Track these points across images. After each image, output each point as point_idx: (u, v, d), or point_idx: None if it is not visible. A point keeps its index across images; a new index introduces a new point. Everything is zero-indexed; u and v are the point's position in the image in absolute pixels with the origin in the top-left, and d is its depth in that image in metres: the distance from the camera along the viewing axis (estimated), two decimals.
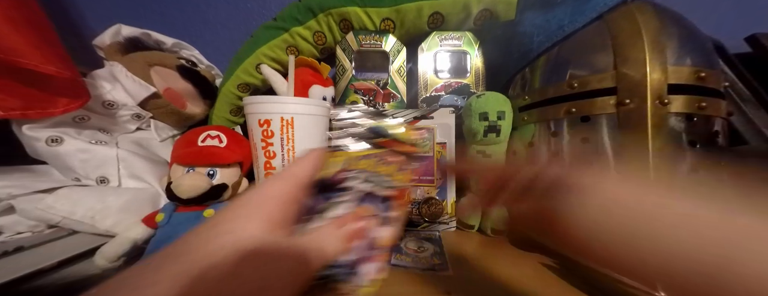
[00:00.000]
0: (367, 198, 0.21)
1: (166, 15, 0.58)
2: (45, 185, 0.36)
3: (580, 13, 0.35)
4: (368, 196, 0.21)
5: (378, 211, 0.21)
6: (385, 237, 0.21)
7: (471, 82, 0.50)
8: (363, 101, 0.51)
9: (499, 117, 0.39)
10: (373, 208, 0.21)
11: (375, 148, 0.22)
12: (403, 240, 0.38)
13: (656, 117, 0.29)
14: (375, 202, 0.21)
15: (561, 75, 0.35)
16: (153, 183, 0.42)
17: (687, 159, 0.29)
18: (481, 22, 0.50)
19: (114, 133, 0.45)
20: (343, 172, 0.21)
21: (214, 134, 0.40)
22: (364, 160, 0.22)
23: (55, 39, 0.36)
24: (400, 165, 0.22)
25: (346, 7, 0.47)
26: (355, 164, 0.21)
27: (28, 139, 0.37)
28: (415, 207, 0.43)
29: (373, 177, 0.21)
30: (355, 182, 0.21)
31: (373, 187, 0.21)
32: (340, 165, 0.21)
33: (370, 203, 0.21)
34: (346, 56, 0.51)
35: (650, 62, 0.29)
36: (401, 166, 0.22)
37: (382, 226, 0.21)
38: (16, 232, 0.35)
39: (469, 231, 0.42)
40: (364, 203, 0.21)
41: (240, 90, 0.53)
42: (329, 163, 0.21)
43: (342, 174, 0.21)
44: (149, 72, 0.45)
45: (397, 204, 0.22)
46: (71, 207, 0.35)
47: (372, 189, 0.21)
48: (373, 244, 0.20)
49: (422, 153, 0.23)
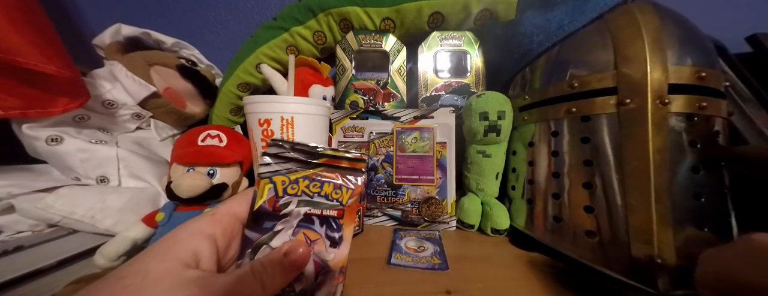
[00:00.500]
0: (310, 221, 0.20)
1: (166, 14, 0.58)
2: (45, 184, 0.36)
3: (581, 12, 0.35)
4: (311, 218, 0.20)
5: (325, 232, 0.20)
6: (338, 258, 0.20)
7: (471, 81, 0.50)
8: (363, 101, 0.51)
9: (499, 116, 0.39)
10: (320, 231, 0.20)
11: (309, 168, 0.21)
12: (403, 240, 0.38)
13: (657, 117, 0.29)
14: (321, 224, 0.20)
15: (561, 75, 0.35)
16: (153, 182, 0.42)
17: (687, 159, 0.28)
18: (481, 22, 0.50)
19: (114, 133, 0.45)
20: (277, 199, 0.20)
21: (214, 133, 0.40)
22: (301, 182, 0.21)
23: (55, 38, 0.36)
24: (338, 181, 0.21)
25: (346, 6, 0.47)
26: (290, 188, 0.20)
27: (28, 138, 0.37)
28: (415, 207, 0.44)
29: (312, 199, 0.20)
30: (292, 207, 0.20)
31: (312, 209, 0.20)
32: (273, 191, 0.20)
33: (314, 225, 0.20)
34: (346, 56, 0.51)
35: (651, 62, 0.29)
36: (339, 183, 0.21)
37: (332, 248, 0.20)
38: (16, 231, 0.35)
39: (469, 231, 0.42)
40: (307, 227, 0.20)
41: (240, 89, 0.53)
42: (263, 192, 0.20)
43: (278, 201, 0.20)
44: (149, 71, 0.45)
45: (345, 222, 0.21)
46: (71, 206, 0.35)
47: (311, 211, 0.20)
48: (325, 268, 0.20)
49: (363, 158, 0.22)
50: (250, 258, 0.19)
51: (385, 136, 0.46)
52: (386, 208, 0.45)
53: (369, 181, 0.46)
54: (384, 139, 0.46)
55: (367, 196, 0.45)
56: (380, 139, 0.46)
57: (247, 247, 0.19)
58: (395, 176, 0.44)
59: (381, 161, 0.45)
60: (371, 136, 0.46)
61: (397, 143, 0.45)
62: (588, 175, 0.32)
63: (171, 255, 0.16)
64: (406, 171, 0.44)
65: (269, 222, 0.20)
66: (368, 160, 0.46)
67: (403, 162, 0.44)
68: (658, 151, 0.28)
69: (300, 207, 0.20)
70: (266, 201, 0.20)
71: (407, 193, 0.44)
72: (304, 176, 0.21)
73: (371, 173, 0.46)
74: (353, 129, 0.47)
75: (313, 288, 0.19)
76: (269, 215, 0.20)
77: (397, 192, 0.44)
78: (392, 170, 0.45)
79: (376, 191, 0.45)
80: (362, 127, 0.47)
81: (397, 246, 0.36)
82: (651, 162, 0.28)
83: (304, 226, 0.20)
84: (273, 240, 0.19)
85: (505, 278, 0.30)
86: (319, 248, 0.20)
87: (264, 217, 0.20)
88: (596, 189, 0.31)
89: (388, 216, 0.45)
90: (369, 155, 0.46)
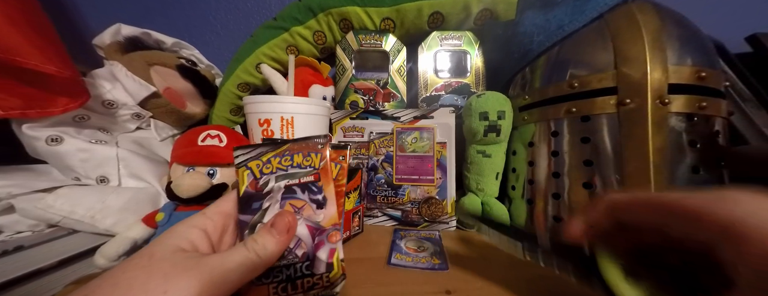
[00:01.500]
0: (292, 191, 0.22)
1: (166, 14, 0.58)
2: (45, 184, 0.36)
3: (581, 12, 0.35)
4: (292, 189, 0.22)
5: (309, 197, 0.22)
6: (327, 217, 0.22)
7: (471, 81, 0.50)
8: (363, 101, 0.51)
9: (499, 116, 0.39)
10: (303, 198, 0.22)
11: (277, 147, 0.23)
12: (403, 240, 0.38)
13: (657, 116, 0.29)
14: (302, 191, 0.22)
15: (561, 74, 0.35)
16: (153, 182, 0.42)
17: (687, 159, 0.28)
18: (481, 22, 0.50)
19: (114, 133, 0.45)
20: (256, 180, 0.22)
21: (214, 133, 0.40)
22: (273, 160, 0.22)
23: (55, 38, 0.36)
24: (307, 150, 0.23)
25: (346, 6, 0.47)
26: (265, 168, 0.22)
27: (28, 138, 0.37)
28: (415, 207, 0.44)
29: (287, 171, 0.22)
30: (272, 184, 0.22)
31: (289, 181, 0.22)
32: (252, 176, 0.22)
33: (297, 194, 0.22)
34: (346, 56, 0.51)
35: (651, 62, 0.29)
36: (308, 151, 0.23)
37: (319, 209, 0.22)
38: (16, 231, 0.35)
39: (469, 231, 0.42)
40: (291, 197, 0.22)
41: (240, 89, 0.53)
42: (244, 178, 0.22)
43: (258, 182, 0.22)
44: (149, 71, 0.45)
45: (323, 182, 0.22)
46: (71, 206, 0.35)
47: (290, 182, 0.22)
48: (319, 229, 0.22)
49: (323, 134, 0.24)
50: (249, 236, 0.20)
51: (385, 135, 0.46)
52: (386, 208, 0.45)
53: (369, 181, 0.46)
54: (384, 138, 0.46)
55: (367, 196, 0.45)
56: (380, 138, 0.46)
57: (244, 229, 0.21)
58: (395, 176, 0.44)
59: (381, 161, 0.45)
60: (371, 136, 0.46)
61: (397, 143, 0.45)
62: (588, 175, 0.32)
63: (171, 241, 0.18)
64: (406, 171, 0.44)
65: (256, 203, 0.21)
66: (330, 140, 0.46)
67: (403, 162, 0.44)
68: (658, 151, 0.28)
69: (279, 181, 0.22)
70: (248, 186, 0.22)
71: (407, 193, 0.44)
72: (275, 154, 0.22)
73: (371, 173, 0.46)
74: (353, 129, 0.47)
75: (313, 249, 0.21)
76: (254, 196, 0.21)
77: (397, 192, 0.44)
78: (392, 170, 0.45)
79: (376, 191, 0.45)
80: (362, 126, 0.47)
81: (397, 246, 0.36)
82: (651, 162, 0.28)
83: (288, 197, 0.22)
84: (264, 217, 0.21)
85: (505, 278, 0.30)
86: (307, 213, 0.22)
87: (250, 200, 0.21)
88: (596, 189, 0.31)
89: (388, 216, 0.45)
90: (369, 155, 0.46)
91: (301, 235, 0.21)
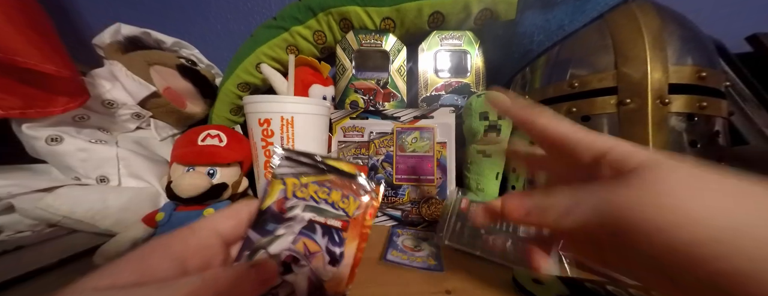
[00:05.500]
0: (313, 230, 0.19)
1: (166, 14, 0.58)
2: (45, 184, 0.36)
3: (581, 12, 0.35)
4: (314, 227, 0.19)
5: (327, 245, 0.19)
6: (336, 279, 0.19)
7: (471, 81, 0.50)
8: (363, 101, 0.51)
9: (499, 116, 0.39)
10: (321, 243, 0.19)
11: (320, 174, 0.20)
12: (401, 238, 0.38)
13: (657, 116, 0.29)
14: (323, 235, 0.19)
15: (561, 74, 0.35)
16: (153, 182, 0.42)
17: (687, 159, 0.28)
18: (481, 22, 0.50)
19: (114, 132, 0.45)
20: (285, 200, 0.20)
21: (214, 133, 0.40)
22: (310, 186, 0.20)
23: (54, 38, 0.36)
24: (348, 191, 0.20)
25: (346, 6, 0.47)
26: (299, 192, 0.20)
27: (28, 138, 0.37)
28: (415, 207, 0.43)
29: (317, 205, 0.20)
30: (298, 211, 0.19)
31: (316, 216, 0.20)
32: (283, 193, 0.20)
33: (316, 235, 0.19)
34: (347, 55, 0.51)
35: (651, 62, 0.29)
36: (346, 192, 0.20)
37: (331, 265, 0.19)
38: (16, 231, 0.35)
39: None
40: (309, 235, 0.19)
41: (240, 89, 0.53)
42: (274, 191, 0.20)
43: (286, 203, 0.19)
44: (149, 71, 0.45)
45: (349, 236, 0.19)
46: (71, 206, 0.35)
47: (316, 219, 0.19)
48: (320, 290, 0.18)
49: (361, 172, 0.21)
50: (247, 260, 0.18)
51: (385, 135, 0.46)
52: (386, 208, 0.45)
53: None
54: (384, 138, 0.46)
55: None
56: (380, 138, 0.46)
57: (246, 249, 0.19)
58: (395, 176, 0.44)
59: (381, 161, 0.45)
60: (371, 136, 0.46)
61: (397, 143, 0.45)
62: None
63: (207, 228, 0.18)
64: (406, 171, 0.44)
65: (272, 225, 0.19)
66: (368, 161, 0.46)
67: (403, 162, 0.44)
68: (659, 151, 0.28)
69: (306, 212, 0.20)
70: (275, 202, 0.19)
71: (407, 193, 0.44)
72: (315, 181, 0.20)
73: (371, 173, 0.46)
74: (353, 129, 0.47)
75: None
76: (275, 217, 0.19)
77: (397, 192, 0.44)
78: (392, 170, 0.45)
79: None
80: (362, 126, 0.47)
81: (394, 243, 0.36)
82: None
83: (305, 234, 0.19)
84: (272, 245, 0.19)
85: (505, 278, 0.30)
86: (317, 264, 0.19)
87: (269, 219, 0.19)
88: None
89: (388, 216, 0.45)
90: (369, 155, 0.46)
91: (297, 287, 0.18)
